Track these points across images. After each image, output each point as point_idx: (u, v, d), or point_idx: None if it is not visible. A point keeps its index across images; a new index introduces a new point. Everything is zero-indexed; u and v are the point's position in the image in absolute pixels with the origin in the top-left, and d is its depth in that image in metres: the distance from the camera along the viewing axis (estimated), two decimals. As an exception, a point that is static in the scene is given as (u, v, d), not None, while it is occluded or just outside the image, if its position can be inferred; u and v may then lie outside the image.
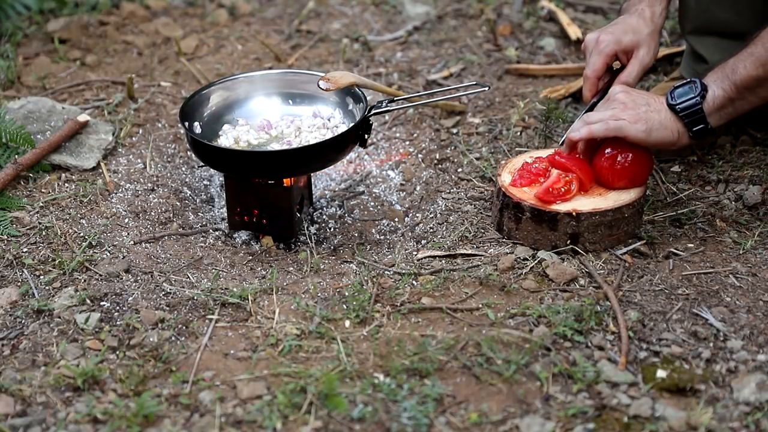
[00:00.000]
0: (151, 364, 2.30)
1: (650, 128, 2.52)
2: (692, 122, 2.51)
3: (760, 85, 2.47)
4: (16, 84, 3.40)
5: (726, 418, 2.15)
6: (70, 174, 2.94)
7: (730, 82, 2.49)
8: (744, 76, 2.47)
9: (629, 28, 2.74)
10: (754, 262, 2.59)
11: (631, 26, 2.74)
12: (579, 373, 2.24)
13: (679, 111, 2.51)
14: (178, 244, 2.74)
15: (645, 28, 2.75)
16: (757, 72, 2.46)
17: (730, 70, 2.49)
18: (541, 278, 2.54)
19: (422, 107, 3.25)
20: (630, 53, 2.74)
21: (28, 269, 2.58)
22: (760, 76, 2.46)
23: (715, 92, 2.50)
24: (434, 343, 2.34)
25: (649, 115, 2.53)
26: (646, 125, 2.52)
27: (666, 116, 2.53)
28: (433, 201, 2.90)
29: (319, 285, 2.55)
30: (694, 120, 2.51)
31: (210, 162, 2.76)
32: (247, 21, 3.81)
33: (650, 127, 2.52)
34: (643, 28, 2.75)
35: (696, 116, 2.51)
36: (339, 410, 2.16)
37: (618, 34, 2.73)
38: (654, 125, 2.52)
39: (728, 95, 2.49)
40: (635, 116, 2.53)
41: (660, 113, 2.53)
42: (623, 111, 2.54)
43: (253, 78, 2.96)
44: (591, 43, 2.75)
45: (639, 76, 2.73)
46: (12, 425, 2.14)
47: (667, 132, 2.53)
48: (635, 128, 2.52)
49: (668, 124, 2.53)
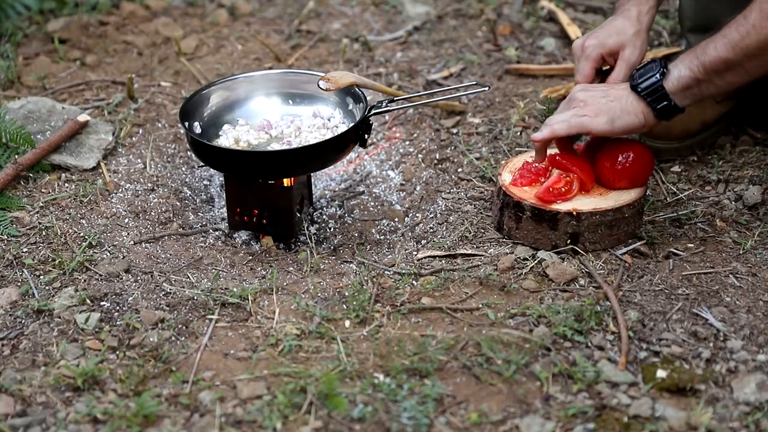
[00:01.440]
0: (151, 364, 2.30)
1: (612, 118, 2.53)
2: (654, 100, 2.51)
3: (728, 69, 2.43)
4: (16, 84, 3.40)
5: (726, 418, 2.15)
6: (70, 174, 2.94)
7: (699, 62, 2.46)
8: (713, 58, 2.43)
9: (613, 30, 2.76)
10: (754, 262, 2.59)
11: (616, 28, 2.75)
12: (579, 373, 2.24)
13: (641, 91, 2.51)
14: (178, 244, 2.74)
15: (630, 28, 2.75)
16: (727, 54, 2.42)
17: (701, 50, 2.47)
18: (541, 278, 2.54)
19: (422, 107, 3.25)
20: (616, 54, 2.74)
21: (28, 269, 2.58)
22: (730, 59, 2.42)
23: (681, 71, 2.48)
24: (434, 343, 2.34)
25: (609, 105, 2.54)
26: (608, 115, 2.53)
27: (628, 101, 2.53)
28: (433, 201, 2.90)
29: (319, 285, 2.55)
30: (657, 98, 2.50)
31: (210, 162, 2.76)
32: (247, 21, 3.81)
33: (612, 117, 2.53)
34: (629, 28, 2.75)
35: (657, 94, 2.50)
36: (339, 410, 2.16)
37: (602, 37, 2.74)
38: (616, 113, 2.53)
39: (695, 75, 2.47)
40: (596, 110, 2.54)
41: (621, 100, 2.54)
42: (583, 107, 2.55)
43: (253, 78, 2.96)
44: (578, 49, 2.78)
45: (627, 76, 2.69)
46: (12, 425, 2.14)
47: (632, 117, 2.53)
48: (597, 121, 2.53)
49: (631, 109, 2.53)
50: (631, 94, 2.54)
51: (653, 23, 2.83)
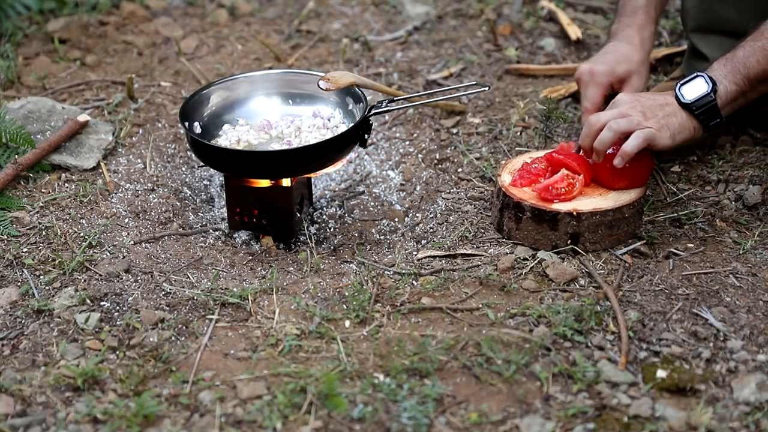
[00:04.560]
0: (151, 364, 2.30)
1: (673, 133, 2.53)
2: (708, 118, 2.52)
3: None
4: (16, 84, 3.39)
5: (726, 418, 2.15)
6: (70, 174, 2.94)
7: (743, 76, 2.51)
8: (758, 71, 2.50)
9: (622, 57, 2.80)
10: (754, 262, 2.59)
11: (624, 55, 2.80)
12: (579, 373, 2.24)
13: (696, 110, 2.51)
14: (178, 244, 2.74)
15: (636, 55, 2.81)
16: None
17: (742, 64, 2.51)
18: (541, 278, 2.54)
19: (422, 107, 3.25)
20: (623, 81, 2.80)
21: (28, 269, 2.58)
22: None
23: (727, 87, 2.51)
24: (434, 343, 2.34)
25: (669, 120, 2.53)
26: (670, 131, 2.53)
27: (682, 117, 2.53)
28: (433, 201, 2.90)
29: (319, 285, 2.55)
30: (710, 116, 2.52)
31: (210, 162, 2.76)
32: (247, 21, 3.81)
33: (673, 132, 2.53)
34: (635, 56, 2.81)
35: (711, 112, 2.52)
36: (339, 410, 2.16)
37: (611, 64, 2.79)
38: (675, 129, 2.53)
39: (740, 89, 2.52)
40: (657, 124, 2.52)
41: (676, 116, 2.53)
42: (645, 119, 2.53)
43: (253, 78, 2.96)
44: (585, 75, 2.81)
45: None
46: (12, 425, 2.14)
47: (687, 132, 2.54)
48: (662, 136, 2.52)
49: (687, 125, 2.53)
50: (682, 111, 2.53)
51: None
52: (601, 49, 2.92)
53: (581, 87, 2.83)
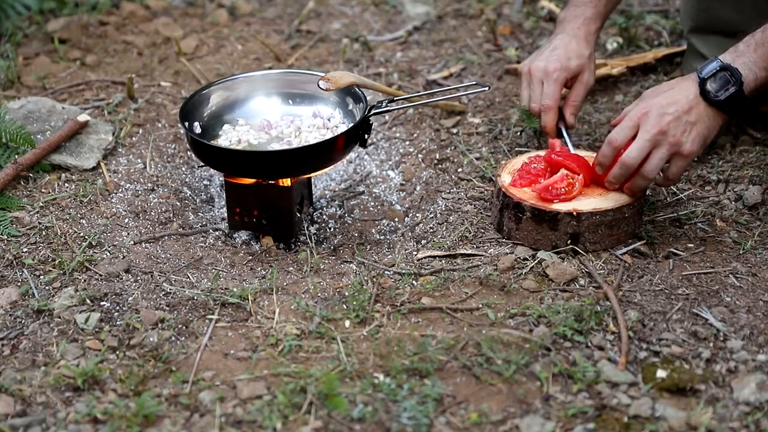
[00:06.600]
0: (151, 364, 2.30)
1: (705, 140, 2.49)
2: (734, 109, 2.48)
3: None
4: (16, 84, 3.40)
5: (726, 418, 2.15)
6: (70, 174, 2.94)
7: None
8: None
9: (572, 53, 2.82)
10: (754, 262, 2.59)
11: (574, 51, 2.82)
12: (579, 373, 2.24)
13: (725, 106, 2.47)
14: (178, 244, 2.74)
15: (585, 50, 2.83)
16: None
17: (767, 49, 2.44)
18: (541, 278, 2.54)
19: (422, 107, 3.25)
20: (575, 77, 2.83)
21: (28, 269, 2.58)
22: None
23: (757, 74, 2.46)
24: (434, 343, 2.34)
25: (698, 130, 2.48)
26: (700, 140, 2.49)
27: (709, 116, 2.49)
28: (433, 201, 2.90)
29: (319, 285, 2.55)
30: (738, 106, 2.48)
31: (210, 162, 2.76)
32: (247, 21, 3.81)
33: (704, 139, 2.49)
34: (584, 51, 2.83)
35: (739, 103, 2.47)
36: (339, 410, 2.16)
37: (564, 61, 2.80)
38: (704, 133, 2.49)
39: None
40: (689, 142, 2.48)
41: (703, 118, 2.48)
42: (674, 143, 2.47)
43: (253, 78, 2.96)
44: (539, 72, 2.81)
45: (585, 98, 2.86)
46: (12, 425, 2.14)
47: (715, 129, 2.51)
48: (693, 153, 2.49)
49: (714, 123, 2.49)
50: (708, 108, 2.47)
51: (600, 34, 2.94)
52: (548, 42, 2.89)
53: (533, 83, 2.82)
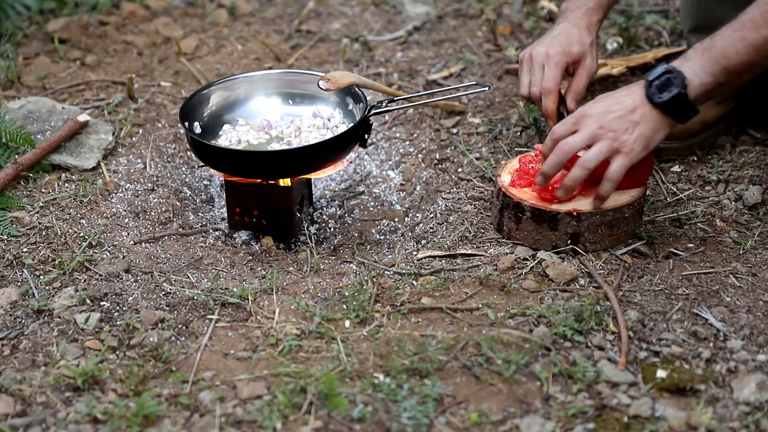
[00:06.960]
0: (151, 364, 2.30)
1: (648, 142, 2.44)
2: (679, 113, 2.43)
3: (749, 70, 2.41)
4: (16, 84, 3.40)
5: (726, 418, 2.15)
6: (70, 174, 2.94)
7: (721, 67, 2.39)
8: (737, 63, 2.38)
9: (574, 39, 2.80)
10: (754, 262, 2.59)
11: (575, 37, 2.80)
12: (579, 373, 2.24)
13: (667, 108, 2.43)
14: (178, 244, 2.74)
15: (587, 37, 2.81)
16: (751, 58, 2.38)
17: (719, 54, 2.40)
18: (541, 278, 2.54)
19: (422, 107, 3.25)
20: (578, 62, 2.80)
21: (28, 269, 2.58)
22: (753, 61, 2.39)
23: (702, 78, 2.40)
24: (434, 343, 2.34)
25: (640, 131, 2.43)
26: (643, 142, 2.43)
27: (653, 118, 2.44)
28: (433, 201, 2.90)
29: (319, 285, 2.55)
30: (682, 110, 2.43)
31: (210, 162, 2.75)
32: (247, 21, 3.81)
33: (647, 142, 2.44)
34: (585, 38, 2.81)
35: (683, 106, 2.42)
36: (339, 410, 2.16)
37: (565, 45, 2.78)
38: (648, 135, 2.44)
39: (717, 81, 2.41)
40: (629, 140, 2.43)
41: (647, 119, 2.43)
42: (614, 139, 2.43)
43: (253, 78, 2.96)
44: (540, 57, 2.78)
45: (588, 84, 2.81)
46: (12, 425, 2.14)
47: (661, 133, 2.46)
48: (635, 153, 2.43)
49: (659, 126, 2.44)
50: (653, 110, 2.43)
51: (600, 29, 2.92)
52: (549, 31, 2.87)
53: (534, 68, 2.78)
